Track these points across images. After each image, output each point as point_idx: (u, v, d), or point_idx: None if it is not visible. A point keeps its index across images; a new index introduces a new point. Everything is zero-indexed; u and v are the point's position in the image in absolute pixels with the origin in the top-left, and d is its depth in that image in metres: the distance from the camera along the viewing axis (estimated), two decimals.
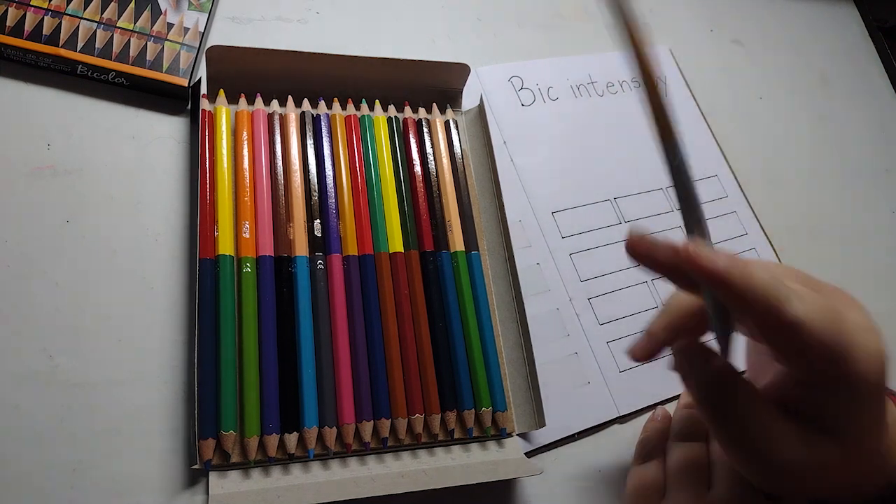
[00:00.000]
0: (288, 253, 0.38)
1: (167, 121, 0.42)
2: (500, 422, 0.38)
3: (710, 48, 0.61)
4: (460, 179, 0.44)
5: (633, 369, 0.43)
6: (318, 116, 0.42)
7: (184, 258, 0.38)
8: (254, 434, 0.34)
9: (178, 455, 0.34)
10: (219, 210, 0.37)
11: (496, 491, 0.38)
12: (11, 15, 0.39)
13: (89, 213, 0.38)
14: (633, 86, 0.55)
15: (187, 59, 0.41)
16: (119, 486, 0.33)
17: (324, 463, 0.35)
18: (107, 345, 0.35)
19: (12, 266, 0.36)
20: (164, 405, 0.35)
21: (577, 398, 0.42)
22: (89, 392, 0.34)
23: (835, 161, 0.59)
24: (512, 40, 0.54)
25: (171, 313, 0.37)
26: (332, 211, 0.40)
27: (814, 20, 0.67)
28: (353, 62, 0.42)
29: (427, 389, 0.37)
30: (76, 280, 0.36)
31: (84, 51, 0.40)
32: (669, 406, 0.43)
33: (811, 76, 0.63)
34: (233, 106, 0.41)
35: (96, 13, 0.41)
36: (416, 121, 0.45)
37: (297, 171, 0.40)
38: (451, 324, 0.39)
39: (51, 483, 0.32)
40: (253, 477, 0.34)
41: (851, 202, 0.57)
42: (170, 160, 0.41)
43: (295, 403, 0.35)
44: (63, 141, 0.39)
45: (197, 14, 0.43)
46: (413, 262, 0.40)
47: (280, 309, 0.36)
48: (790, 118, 0.60)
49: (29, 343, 0.34)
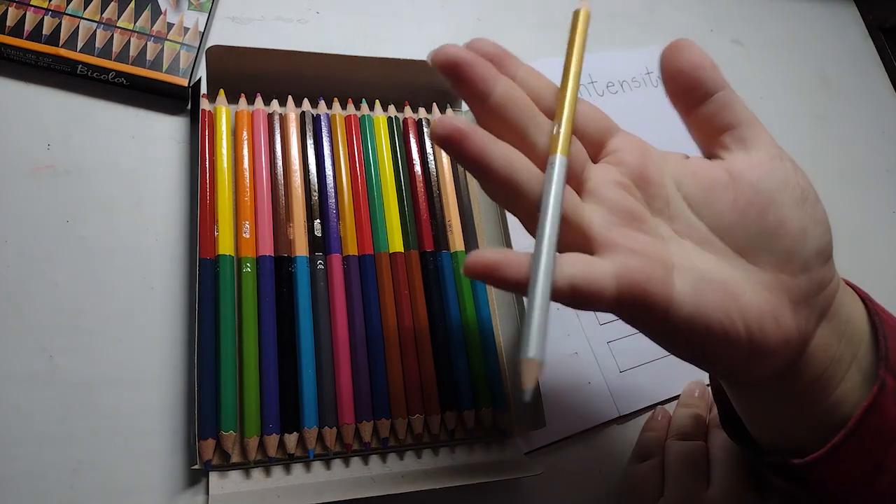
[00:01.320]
0: (288, 253, 0.38)
1: (167, 121, 0.42)
2: (500, 422, 0.38)
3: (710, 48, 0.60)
4: (460, 179, 0.44)
5: (633, 369, 0.43)
6: (318, 116, 0.42)
7: (184, 258, 0.38)
8: (254, 434, 0.34)
9: (178, 455, 0.34)
10: (219, 210, 0.37)
11: (496, 491, 0.38)
12: (11, 15, 0.39)
13: (89, 213, 0.38)
14: (634, 86, 0.55)
15: (187, 59, 0.41)
16: (119, 486, 0.33)
17: (324, 463, 0.35)
18: (107, 345, 0.35)
19: (12, 266, 0.36)
20: (164, 405, 0.35)
21: (577, 398, 0.42)
22: (89, 392, 0.34)
23: (835, 161, 0.59)
24: (512, 40, 0.54)
25: (171, 313, 0.37)
26: (332, 211, 0.40)
27: (814, 20, 0.67)
28: (353, 62, 0.42)
29: (427, 389, 0.37)
30: (76, 280, 0.36)
31: (84, 50, 0.40)
32: (669, 406, 0.43)
33: (811, 76, 0.63)
34: (233, 106, 0.41)
35: (96, 13, 0.41)
36: (416, 121, 0.45)
37: (297, 171, 0.40)
38: (451, 324, 0.39)
39: (51, 483, 0.32)
40: (253, 477, 0.34)
41: (851, 202, 0.58)
42: (170, 160, 0.41)
43: (295, 403, 0.35)
44: (63, 141, 0.39)
45: (197, 14, 0.43)
46: (413, 262, 0.40)
47: (280, 309, 0.36)
48: (790, 118, 0.60)
49: (29, 343, 0.34)
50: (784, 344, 0.27)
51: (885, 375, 0.28)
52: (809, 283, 0.27)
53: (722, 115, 0.29)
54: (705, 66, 0.29)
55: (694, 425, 0.40)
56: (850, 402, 0.28)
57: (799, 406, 0.29)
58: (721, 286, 0.26)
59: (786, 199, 0.27)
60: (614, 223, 0.27)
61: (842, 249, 0.27)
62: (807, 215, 0.27)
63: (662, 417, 0.42)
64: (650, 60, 0.57)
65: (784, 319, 0.27)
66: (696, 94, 0.29)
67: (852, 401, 0.28)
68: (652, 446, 0.40)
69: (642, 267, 0.25)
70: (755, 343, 0.26)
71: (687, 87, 0.29)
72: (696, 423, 0.40)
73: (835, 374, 0.28)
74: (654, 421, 0.42)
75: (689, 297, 0.26)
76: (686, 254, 0.27)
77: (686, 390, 0.43)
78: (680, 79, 0.29)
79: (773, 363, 0.27)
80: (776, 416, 0.31)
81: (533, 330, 0.23)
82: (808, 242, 0.27)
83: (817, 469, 0.28)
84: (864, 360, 0.29)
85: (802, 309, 0.27)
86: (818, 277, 0.27)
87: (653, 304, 0.25)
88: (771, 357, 0.27)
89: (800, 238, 0.27)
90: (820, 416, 0.29)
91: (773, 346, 0.27)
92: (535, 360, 0.23)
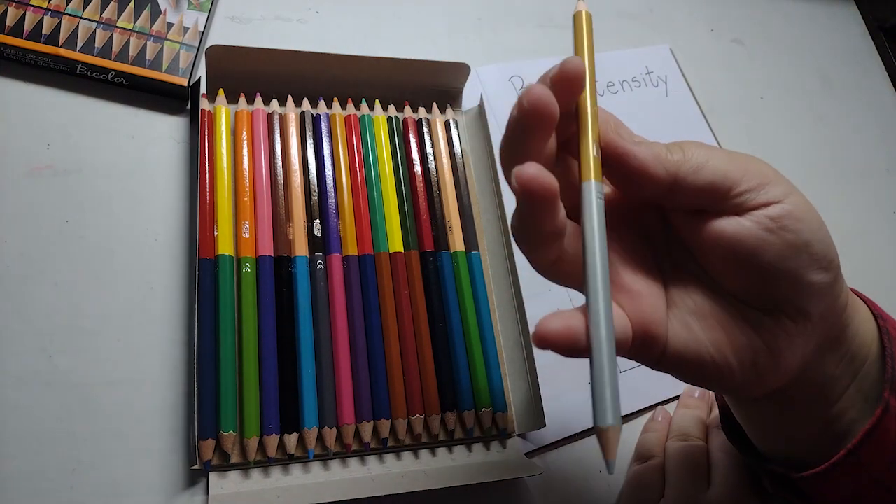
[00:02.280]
0: (288, 253, 0.38)
1: (167, 120, 0.42)
2: (500, 422, 0.38)
3: (710, 48, 0.61)
4: (460, 179, 0.44)
5: (634, 369, 0.43)
6: (318, 116, 0.42)
7: (183, 258, 0.38)
8: (253, 434, 0.34)
9: (178, 455, 0.34)
10: (218, 210, 0.37)
11: (496, 491, 0.38)
12: (11, 15, 0.39)
13: (89, 213, 0.38)
14: (634, 85, 0.55)
15: (187, 59, 0.41)
16: (119, 486, 0.33)
17: (324, 463, 0.35)
18: (107, 345, 0.35)
19: (12, 266, 0.36)
20: (164, 405, 0.35)
21: (577, 398, 0.41)
22: (89, 392, 0.34)
23: (835, 161, 0.59)
24: (512, 40, 0.54)
25: (171, 313, 0.37)
26: (332, 211, 0.40)
27: (814, 20, 0.67)
28: (353, 62, 0.42)
29: (427, 390, 0.37)
30: (76, 280, 0.36)
31: (83, 50, 0.40)
32: (669, 406, 0.43)
33: (811, 76, 0.63)
34: (232, 106, 0.41)
35: (96, 13, 0.41)
36: (416, 121, 0.45)
37: (296, 170, 0.40)
38: (451, 324, 0.39)
39: (50, 483, 0.32)
40: (253, 477, 0.34)
41: (851, 202, 0.57)
42: (169, 160, 0.41)
43: (295, 404, 0.35)
44: (62, 141, 0.39)
45: (196, 13, 0.43)
46: (413, 262, 0.40)
47: (280, 309, 0.36)
48: (790, 118, 0.60)
49: (29, 343, 0.34)
50: (782, 374, 0.27)
51: (890, 398, 0.27)
52: (808, 318, 0.26)
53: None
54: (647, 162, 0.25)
55: (694, 426, 0.40)
56: (849, 416, 0.28)
57: (797, 419, 0.29)
58: (712, 323, 0.26)
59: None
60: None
61: (842, 250, 0.27)
62: (801, 266, 0.25)
63: (663, 418, 0.41)
64: (650, 60, 0.57)
65: (780, 352, 0.26)
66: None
67: (851, 415, 0.28)
68: (652, 447, 0.40)
69: (650, 311, 0.25)
70: (748, 375, 0.26)
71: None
72: (697, 424, 0.40)
73: (833, 390, 0.28)
74: (655, 422, 0.41)
75: (681, 335, 0.26)
76: (682, 287, 0.27)
77: (686, 391, 0.43)
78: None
79: (770, 387, 0.27)
80: (775, 427, 0.31)
81: (607, 395, 0.23)
82: (805, 289, 0.25)
83: (816, 484, 0.28)
84: (867, 378, 0.28)
85: (799, 339, 0.26)
86: (818, 311, 0.26)
87: (653, 344, 0.26)
88: (767, 384, 0.27)
89: (794, 283, 0.25)
90: (820, 429, 0.29)
91: (767, 379, 0.27)
92: (616, 427, 0.23)
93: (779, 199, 0.25)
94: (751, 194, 0.25)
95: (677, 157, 0.25)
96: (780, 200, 0.25)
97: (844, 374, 0.28)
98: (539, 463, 0.39)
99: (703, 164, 0.25)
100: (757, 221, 0.25)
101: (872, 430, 0.27)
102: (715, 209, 0.25)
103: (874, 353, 0.28)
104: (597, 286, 0.23)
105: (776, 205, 0.25)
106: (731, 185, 0.25)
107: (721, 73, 0.60)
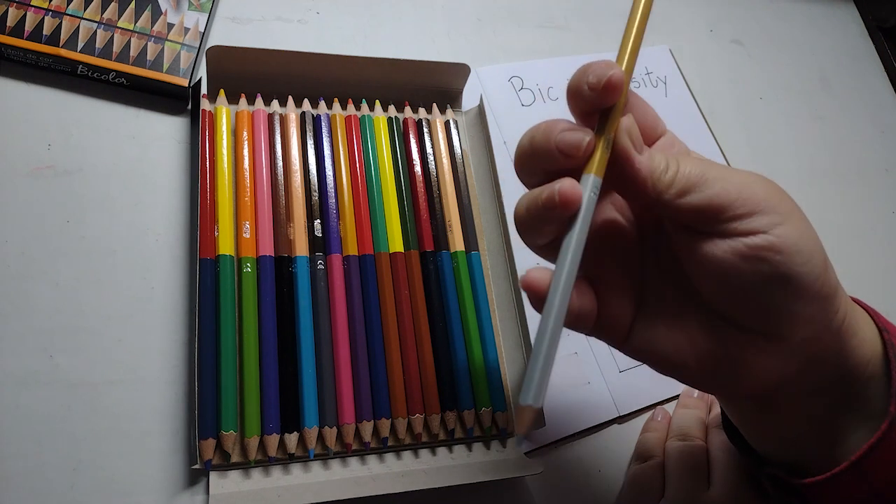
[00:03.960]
0: (288, 253, 0.38)
1: (167, 121, 0.42)
2: (500, 422, 0.38)
3: (710, 48, 0.61)
4: (460, 179, 0.44)
5: (633, 369, 0.43)
6: (318, 116, 0.42)
7: (184, 258, 0.38)
8: (254, 434, 0.34)
9: (179, 455, 0.34)
10: (219, 210, 0.37)
11: (496, 490, 0.38)
12: (12, 15, 0.39)
13: (89, 213, 0.38)
14: (633, 86, 0.55)
15: (187, 59, 0.41)
16: (119, 486, 0.33)
17: (324, 463, 0.35)
18: (107, 345, 0.35)
19: (12, 266, 0.36)
20: (164, 405, 0.35)
21: (577, 398, 0.42)
22: (89, 392, 0.34)
23: (835, 161, 0.59)
24: (512, 40, 0.54)
25: (171, 313, 0.37)
26: (333, 211, 0.40)
27: (814, 20, 0.67)
28: (353, 62, 0.42)
29: (427, 389, 0.37)
30: (76, 280, 0.36)
31: (84, 51, 0.40)
32: (669, 406, 0.43)
33: (811, 76, 0.63)
34: (233, 106, 0.41)
35: (97, 13, 0.41)
36: (416, 121, 0.45)
37: (297, 171, 0.40)
38: (451, 324, 0.39)
39: (51, 483, 0.32)
40: (253, 477, 0.34)
41: (851, 202, 0.58)
42: (170, 160, 0.41)
43: (295, 403, 0.35)
44: (63, 141, 0.39)
45: (197, 14, 0.43)
46: (413, 262, 0.40)
47: (280, 309, 0.36)
48: (790, 118, 0.60)
49: (29, 343, 0.34)
50: (748, 386, 0.27)
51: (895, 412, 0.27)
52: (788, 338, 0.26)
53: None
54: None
55: (694, 426, 0.40)
56: (842, 425, 0.28)
57: (780, 423, 0.29)
58: (678, 327, 0.27)
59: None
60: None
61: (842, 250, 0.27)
62: (776, 298, 0.25)
63: (662, 418, 0.42)
64: (650, 60, 0.57)
65: (746, 365, 0.26)
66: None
67: (844, 424, 0.28)
68: (652, 447, 0.40)
69: (615, 303, 0.27)
70: (708, 379, 0.27)
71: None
72: (697, 423, 0.40)
73: (819, 401, 0.28)
74: (654, 421, 0.41)
75: (645, 332, 0.27)
76: (659, 287, 0.28)
77: (686, 390, 0.43)
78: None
79: (737, 394, 0.28)
80: (762, 428, 0.31)
81: (536, 376, 0.23)
82: (781, 318, 0.25)
83: (816, 491, 0.28)
84: (867, 391, 0.28)
85: (773, 358, 0.26)
86: (798, 337, 0.26)
87: (612, 333, 0.28)
88: (730, 390, 0.27)
89: (766, 313, 0.25)
90: (810, 434, 0.29)
91: (728, 387, 0.28)
92: (532, 408, 0.23)
93: (763, 230, 0.24)
94: (737, 222, 0.24)
95: (669, 177, 0.25)
96: (766, 231, 0.24)
97: (835, 389, 0.28)
98: (539, 463, 0.39)
99: (692, 187, 0.25)
100: (733, 248, 0.24)
101: (877, 442, 0.27)
102: (700, 230, 0.26)
103: (876, 366, 0.28)
104: (561, 275, 0.24)
105: (759, 235, 0.24)
106: (718, 211, 0.25)
107: (721, 74, 0.60)
